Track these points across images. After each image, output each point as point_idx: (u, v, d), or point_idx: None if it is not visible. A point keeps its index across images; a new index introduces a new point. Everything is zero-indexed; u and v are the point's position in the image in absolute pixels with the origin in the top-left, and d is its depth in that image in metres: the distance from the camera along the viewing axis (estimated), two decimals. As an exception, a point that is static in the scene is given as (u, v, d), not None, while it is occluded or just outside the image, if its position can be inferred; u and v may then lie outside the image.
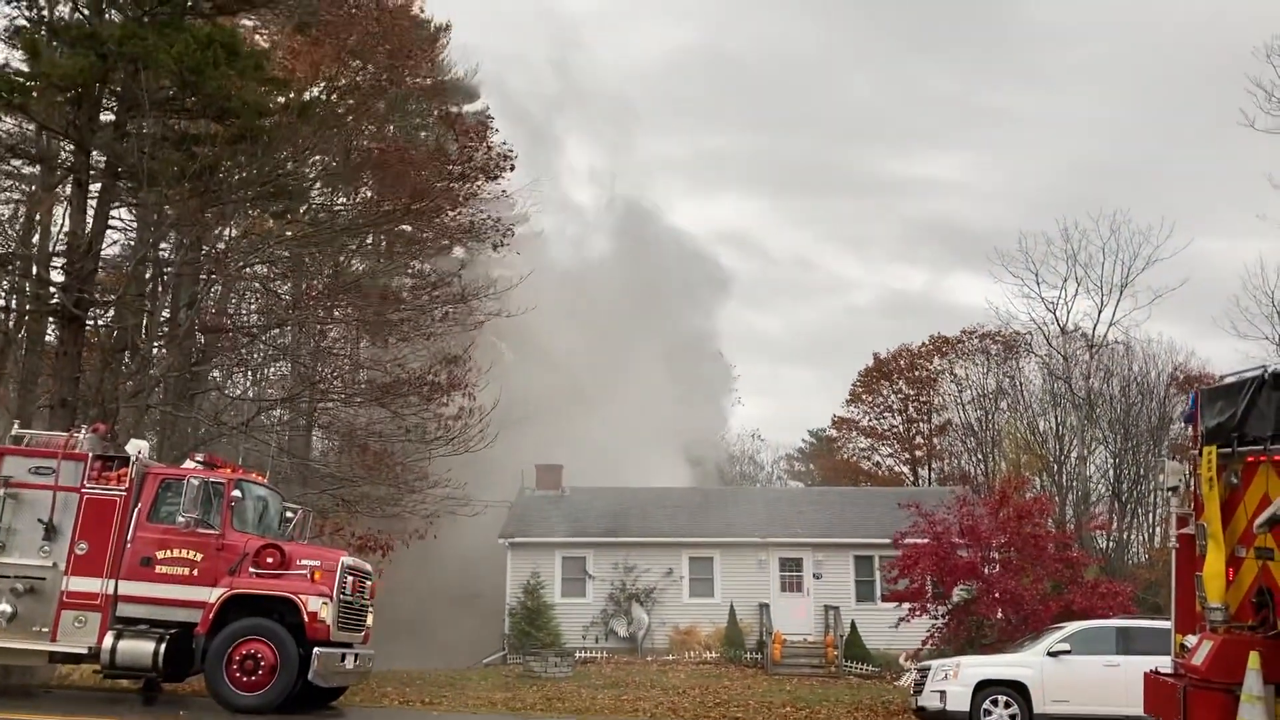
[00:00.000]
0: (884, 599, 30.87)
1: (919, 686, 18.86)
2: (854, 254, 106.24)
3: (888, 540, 28.39)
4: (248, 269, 23.05)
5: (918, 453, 59.42)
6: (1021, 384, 51.24)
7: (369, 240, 24.36)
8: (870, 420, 61.23)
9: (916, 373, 58.73)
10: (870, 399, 60.98)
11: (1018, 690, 17.35)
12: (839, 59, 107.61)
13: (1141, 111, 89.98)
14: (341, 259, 24.89)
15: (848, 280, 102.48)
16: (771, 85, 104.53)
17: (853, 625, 31.25)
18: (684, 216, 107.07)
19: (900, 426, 60.12)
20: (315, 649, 14.21)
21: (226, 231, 23.36)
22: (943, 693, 17.73)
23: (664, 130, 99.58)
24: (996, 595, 24.65)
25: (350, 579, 15.16)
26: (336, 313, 24.10)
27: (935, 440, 58.08)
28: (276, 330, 26.08)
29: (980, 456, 52.35)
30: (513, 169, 26.25)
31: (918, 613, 25.68)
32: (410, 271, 27.49)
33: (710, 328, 59.44)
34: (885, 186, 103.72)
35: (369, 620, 15.89)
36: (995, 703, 17.36)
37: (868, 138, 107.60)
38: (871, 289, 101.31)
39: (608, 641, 32.52)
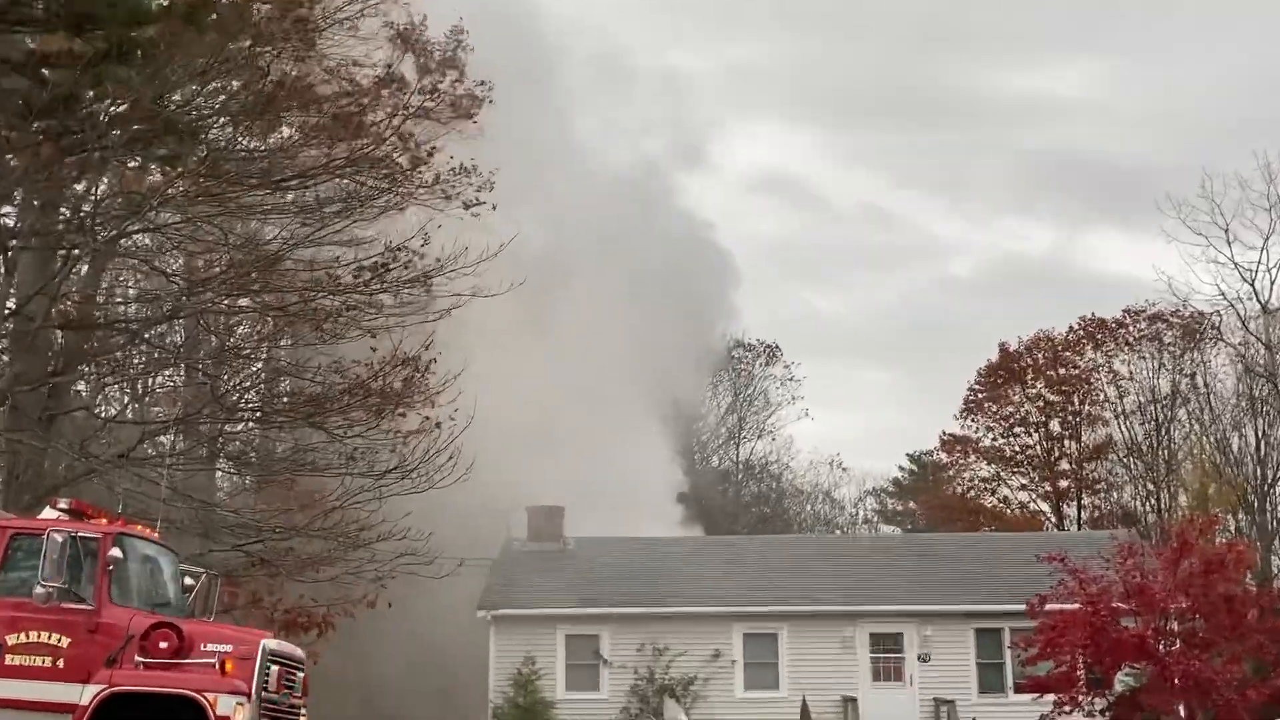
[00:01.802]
0: (1017, 689, 30.74)
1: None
2: (948, 204, 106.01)
3: (1022, 607, 28.26)
4: (124, 240, 23.09)
5: (1062, 483, 59.20)
6: (1208, 384, 50.96)
7: (290, 198, 24.39)
8: (995, 439, 61.12)
9: (1061, 370, 58.48)
10: (995, 409, 60.80)
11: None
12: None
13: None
14: (254, 224, 24.93)
15: (941, 241, 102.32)
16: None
17: (975, 726, 31.27)
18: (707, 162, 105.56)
19: (1038, 447, 59.92)
20: (229, 766, 14.27)
21: (94, 189, 23.44)
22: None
23: (674, 38, 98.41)
24: (1176, 681, 24.61)
25: (275, 669, 15.18)
26: (246, 300, 24.12)
27: (1087, 465, 57.81)
28: (165, 325, 26.14)
29: (1150, 487, 52.06)
30: (490, 101, 26.21)
31: (1066, 707, 25.64)
32: (349, 241, 27.49)
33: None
34: (988, 110, 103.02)
35: (301, 725, 15.95)
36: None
37: (959, 43, 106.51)
38: (976, 252, 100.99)
39: (632, 753, 32.65)
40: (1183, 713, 24.88)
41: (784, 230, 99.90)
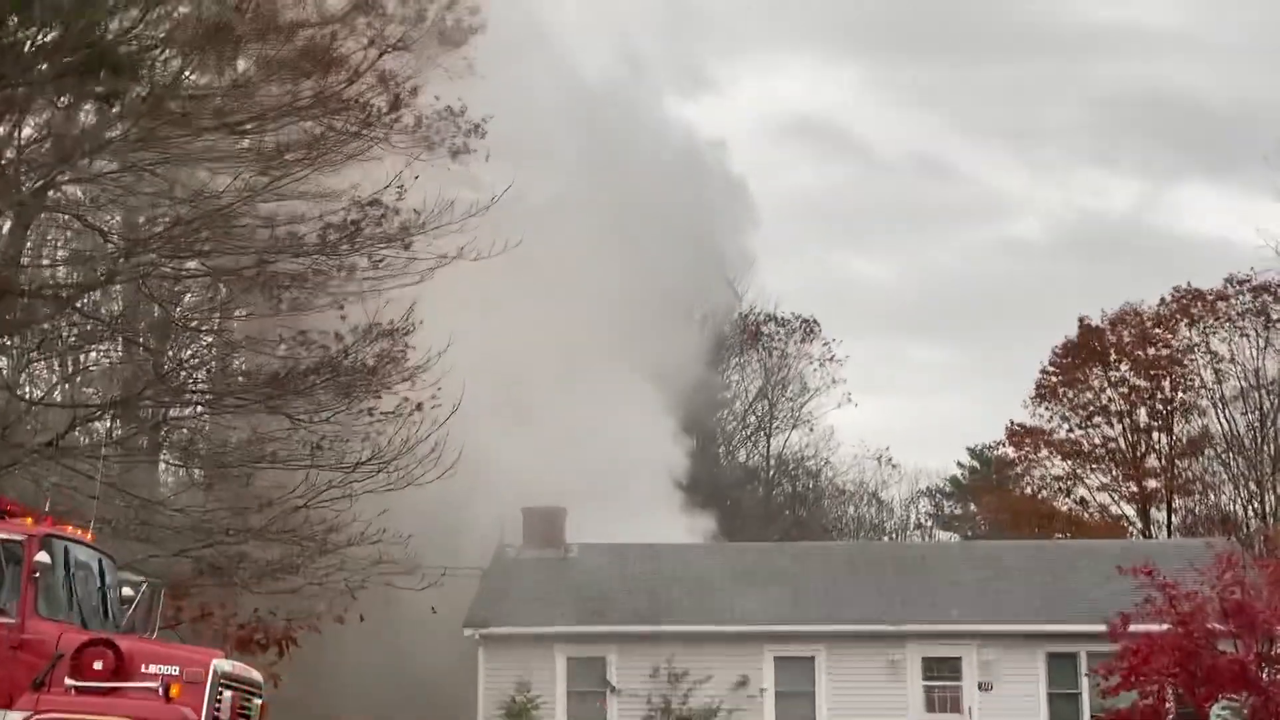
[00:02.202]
0: (1097, 721, 30.83)
1: None
2: (1013, 153, 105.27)
3: (1101, 628, 28.29)
4: (53, 192, 23.10)
5: (1150, 483, 59.13)
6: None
7: (246, 143, 24.42)
8: (1071, 430, 61.04)
9: (1150, 350, 58.31)
10: (1072, 395, 60.61)
11: None
12: None
13: None
14: (204, 174, 24.96)
15: (1006, 197, 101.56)
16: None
17: (1046, 767, 31.38)
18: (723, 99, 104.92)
19: (1122, 440, 59.87)
20: (174, 806, 14.34)
21: (18, 132, 23.47)
22: None
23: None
24: (1283, 715, 24.68)
25: (228, 694, 15.23)
26: (195, 262, 24.12)
27: (1179, 462, 57.70)
28: (100, 292, 26.15)
29: (1254, 488, 52.02)
30: (484, 29, 26.15)
31: (1153, 745, 25.71)
32: (314, 194, 27.54)
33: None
34: (1060, 43, 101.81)
35: (258, 759, 16.03)
36: None
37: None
38: (1048, 210, 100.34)
39: (644, 794, 32.80)
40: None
41: (820, 184, 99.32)
